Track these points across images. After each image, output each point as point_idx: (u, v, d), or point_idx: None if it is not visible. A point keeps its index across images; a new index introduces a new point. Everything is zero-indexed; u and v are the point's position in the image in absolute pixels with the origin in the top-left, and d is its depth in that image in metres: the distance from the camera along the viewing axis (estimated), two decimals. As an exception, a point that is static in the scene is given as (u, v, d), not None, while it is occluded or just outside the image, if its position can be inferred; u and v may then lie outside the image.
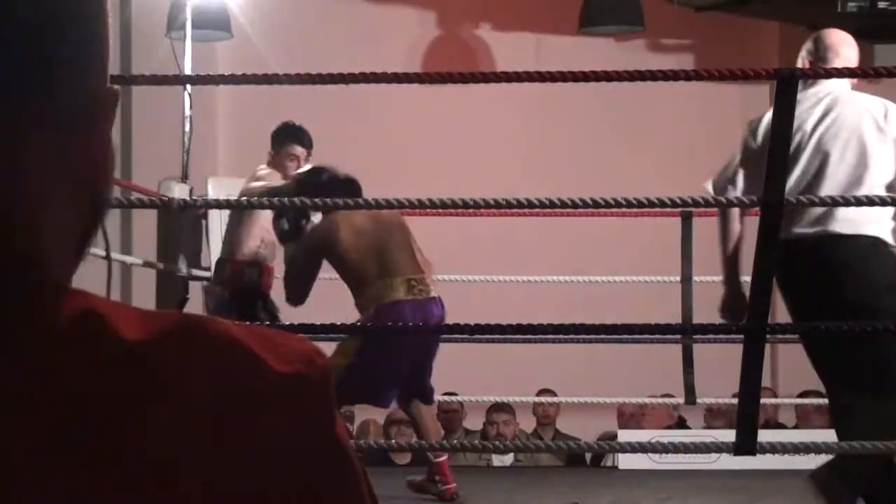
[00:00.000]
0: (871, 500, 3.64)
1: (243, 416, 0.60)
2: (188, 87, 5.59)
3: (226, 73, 4.66)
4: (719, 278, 5.81)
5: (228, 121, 7.73)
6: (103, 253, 0.70)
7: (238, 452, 0.59)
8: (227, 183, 5.30)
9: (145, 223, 5.70)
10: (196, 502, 0.58)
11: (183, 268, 4.99)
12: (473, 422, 6.87)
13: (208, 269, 5.22)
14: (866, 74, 3.30)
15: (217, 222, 5.17)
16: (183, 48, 5.80)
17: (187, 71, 5.57)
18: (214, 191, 5.14)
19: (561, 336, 5.00)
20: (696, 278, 5.62)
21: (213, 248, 5.21)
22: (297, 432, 0.61)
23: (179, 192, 5.19)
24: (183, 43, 5.83)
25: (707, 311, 5.58)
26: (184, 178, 5.49)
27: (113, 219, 7.06)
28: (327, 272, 4.60)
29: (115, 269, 4.44)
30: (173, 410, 0.59)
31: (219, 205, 4.49)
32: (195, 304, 5.28)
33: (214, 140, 7.62)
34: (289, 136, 4.91)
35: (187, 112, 5.58)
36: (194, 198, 5.07)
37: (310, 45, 7.53)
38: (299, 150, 4.90)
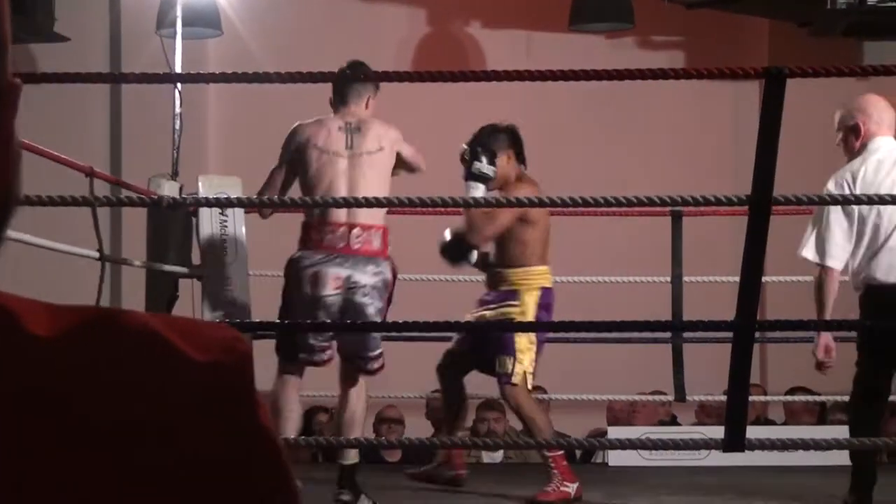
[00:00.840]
0: None
1: (158, 408, 0.59)
2: (178, 84, 5.59)
3: (216, 71, 4.70)
4: (709, 278, 5.84)
5: (219, 118, 7.73)
6: (96, 254, 0.70)
7: (154, 446, 0.58)
8: (218, 181, 5.29)
9: (135, 221, 5.70)
10: (110, 502, 0.57)
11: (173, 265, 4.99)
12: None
13: (198, 266, 5.22)
14: (855, 73, 3.32)
15: (207, 220, 5.16)
16: (173, 46, 5.79)
17: (177, 69, 5.56)
18: (205, 189, 5.14)
19: (551, 334, 5.01)
20: (686, 277, 5.63)
21: (204, 247, 5.20)
22: (217, 421, 0.60)
23: (169, 189, 5.18)
24: (173, 40, 5.82)
25: (696, 309, 5.60)
26: (174, 175, 5.49)
27: (103, 217, 7.06)
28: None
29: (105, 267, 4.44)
30: (83, 407, 0.58)
31: (209, 203, 4.49)
32: (185, 301, 5.27)
33: (205, 137, 7.61)
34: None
35: (177, 109, 5.57)
36: (184, 196, 5.06)
37: (300, 43, 7.53)
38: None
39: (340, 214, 4.17)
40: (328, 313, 4.18)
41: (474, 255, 4.60)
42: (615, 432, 5.73)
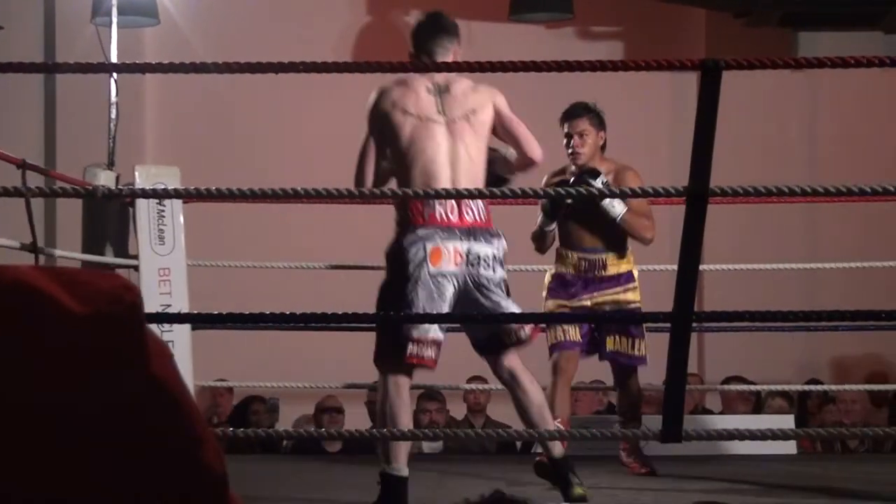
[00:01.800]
0: None
1: (35, 362, 0.57)
2: (114, 74, 5.52)
3: (153, 61, 4.64)
4: (647, 267, 5.87)
5: (156, 107, 7.65)
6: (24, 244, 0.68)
7: (33, 397, 0.57)
8: (155, 171, 5.24)
9: (70, 212, 5.63)
10: None
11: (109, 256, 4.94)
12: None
13: (135, 257, 5.18)
14: (790, 65, 3.34)
15: (144, 210, 5.12)
16: (109, 35, 5.72)
17: (113, 58, 5.50)
18: (141, 179, 5.09)
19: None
20: (640, 266, 5.66)
21: (141, 237, 5.16)
22: (102, 372, 0.58)
23: (105, 179, 5.13)
24: (109, 29, 5.75)
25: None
26: (110, 165, 5.43)
27: (37, 208, 6.98)
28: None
29: (39, 260, 4.38)
30: None
31: (145, 193, 4.44)
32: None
33: (142, 127, 7.53)
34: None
35: (113, 99, 5.51)
36: (120, 186, 5.01)
37: (239, 32, 7.47)
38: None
39: (457, 183, 3.78)
40: (447, 292, 3.77)
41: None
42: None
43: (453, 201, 3.78)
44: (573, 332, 4.68)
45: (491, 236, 3.85)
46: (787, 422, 5.91)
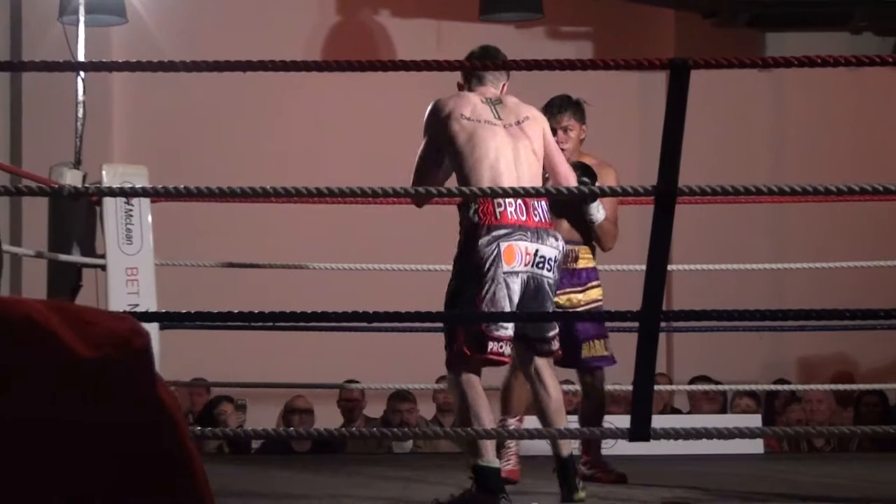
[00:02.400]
0: None
1: (42, 404, 0.56)
2: (81, 72, 5.49)
3: (121, 59, 4.61)
4: (616, 266, 5.88)
5: (124, 106, 7.61)
6: None
7: (38, 441, 0.56)
8: (123, 170, 5.22)
9: (36, 211, 5.59)
10: None
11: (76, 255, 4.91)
12: (374, 409, 6.87)
13: (102, 256, 5.15)
14: (757, 65, 3.36)
15: (112, 210, 5.09)
16: (76, 33, 5.68)
17: (80, 57, 5.46)
18: (109, 178, 5.06)
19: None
20: (599, 266, 5.67)
21: (108, 236, 5.14)
22: (108, 417, 0.57)
23: (72, 178, 5.10)
24: (76, 28, 5.71)
25: (605, 298, 5.62)
26: (77, 164, 5.39)
27: (2, 207, 6.93)
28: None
29: (5, 259, 4.35)
30: None
31: (112, 192, 4.42)
32: (89, 291, 5.20)
33: (109, 126, 7.49)
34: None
35: (80, 97, 5.48)
36: (86, 185, 4.98)
37: (207, 31, 7.45)
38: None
39: (512, 184, 3.86)
40: (516, 291, 3.84)
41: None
42: (526, 422, 5.75)
43: (521, 201, 3.86)
44: None
45: (555, 239, 3.95)
46: (754, 421, 5.94)
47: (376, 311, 3.76)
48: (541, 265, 3.87)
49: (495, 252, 3.82)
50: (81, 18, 5.66)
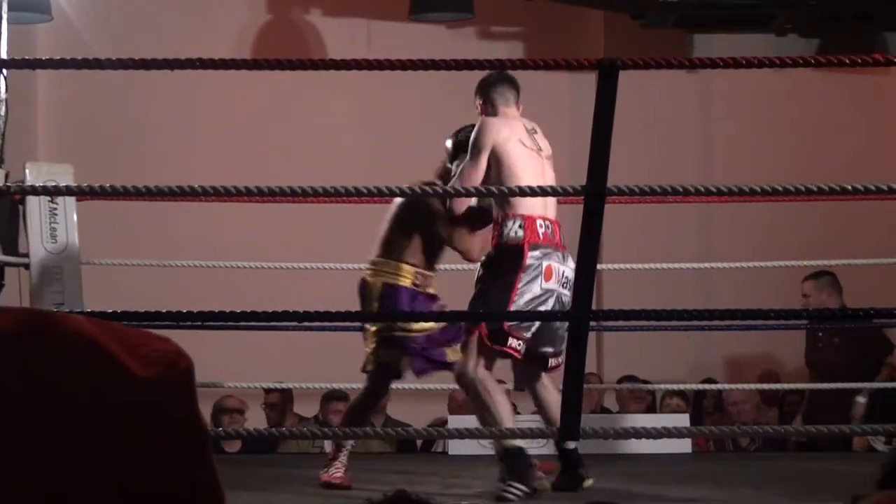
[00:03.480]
0: None
1: (102, 419, 0.57)
2: (4, 70, 5.40)
3: (45, 57, 4.55)
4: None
5: (49, 105, 7.51)
6: None
7: (97, 456, 0.57)
8: (47, 169, 5.14)
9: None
10: (51, 499, 0.56)
11: None
12: (307, 409, 6.84)
13: (26, 255, 5.08)
14: (685, 66, 3.39)
15: (36, 208, 5.02)
16: (-1, 30, 5.59)
17: (3, 54, 5.37)
18: (32, 176, 4.99)
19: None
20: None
21: (32, 235, 5.06)
22: (159, 435, 0.59)
23: (-6, 177, 5.02)
24: (-1, 25, 5.62)
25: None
26: (-1, 162, 5.31)
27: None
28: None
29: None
30: (22, 409, 0.56)
31: (35, 191, 4.35)
32: (12, 291, 5.12)
33: (34, 124, 7.38)
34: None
35: (3, 95, 5.39)
36: (8, 183, 4.90)
37: (134, 29, 7.36)
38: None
39: (548, 209, 4.20)
40: (549, 306, 4.14)
41: None
42: (455, 421, 5.76)
43: (553, 224, 4.21)
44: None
45: (572, 261, 4.09)
46: (682, 421, 5.99)
47: (307, 310, 3.74)
48: (566, 285, 4.14)
49: (539, 269, 4.12)
50: (4, 15, 5.57)
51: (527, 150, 4.24)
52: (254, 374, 6.39)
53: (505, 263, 4.14)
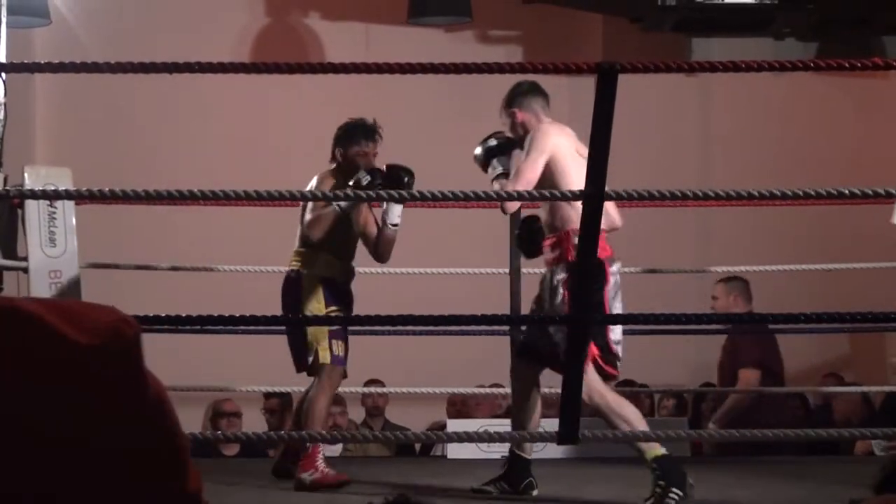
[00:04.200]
0: None
1: (45, 389, 0.58)
2: (3, 73, 5.40)
3: (44, 61, 4.55)
4: (541, 270, 5.91)
5: (47, 109, 7.50)
6: None
7: (40, 426, 0.57)
8: (46, 172, 5.14)
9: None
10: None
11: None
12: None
13: (25, 259, 5.08)
14: (684, 69, 3.39)
15: (35, 212, 5.02)
16: (-3, 33, 5.59)
17: (2, 58, 5.38)
18: (31, 180, 4.99)
19: (389, 327, 5.00)
20: (524, 269, 5.69)
21: (31, 239, 5.07)
22: (104, 400, 0.59)
23: (-8, 181, 5.02)
24: (-2, 28, 5.62)
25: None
26: (-3, 166, 5.31)
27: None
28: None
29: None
30: None
31: (34, 195, 4.35)
32: (10, 294, 5.11)
33: (32, 128, 7.38)
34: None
35: (2, 99, 5.39)
36: (7, 187, 4.90)
37: (133, 33, 7.36)
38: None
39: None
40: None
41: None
42: (454, 425, 5.76)
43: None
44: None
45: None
46: (680, 424, 5.98)
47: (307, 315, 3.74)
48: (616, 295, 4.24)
49: (618, 284, 4.20)
50: (3, 19, 5.57)
51: (581, 159, 4.16)
52: (254, 378, 6.39)
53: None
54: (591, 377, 4.03)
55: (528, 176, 4.15)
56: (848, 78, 7.40)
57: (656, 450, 4.00)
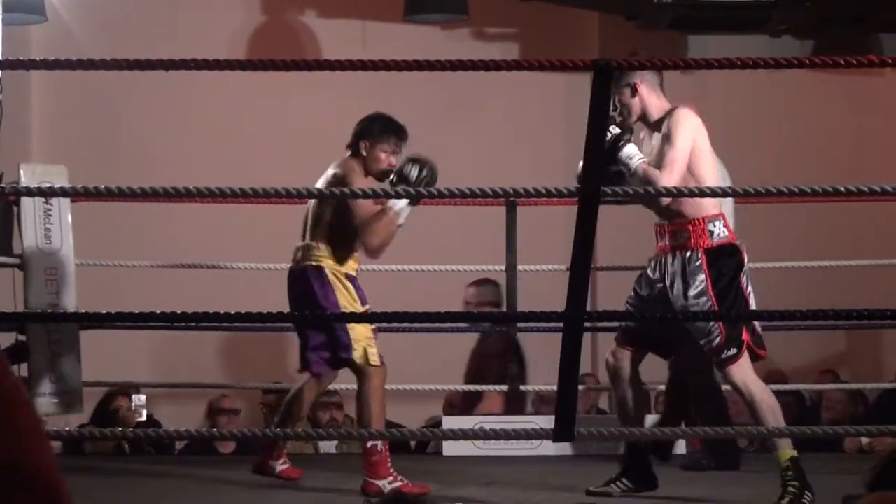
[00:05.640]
0: None
1: None
2: (-1, 70, 5.40)
3: (39, 58, 4.54)
4: (543, 267, 5.92)
5: (43, 106, 7.50)
6: None
7: None
8: (42, 170, 5.14)
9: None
10: None
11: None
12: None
13: (20, 256, 5.08)
14: (679, 66, 3.39)
15: (30, 209, 5.02)
16: (-7, 30, 5.59)
17: (-2, 54, 5.37)
18: (27, 177, 4.99)
19: (385, 324, 5.01)
20: (520, 267, 5.69)
21: (27, 236, 5.06)
22: None
23: (-12, 178, 5.02)
24: (-7, 25, 5.62)
25: (530, 298, 5.65)
26: (-7, 163, 5.30)
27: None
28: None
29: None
30: None
31: (29, 192, 4.35)
32: (5, 293, 5.11)
33: (28, 126, 7.37)
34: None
35: (-2, 96, 5.39)
36: (3, 184, 4.90)
37: (129, 30, 7.35)
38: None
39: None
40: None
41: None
42: (449, 422, 5.76)
43: None
44: None
45: None
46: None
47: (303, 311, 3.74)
48: None
49: (747, 267, 4.11)
50: (-1, 17, 5.57)
51: (709, 146, 4.10)
52: (252, 374, 6.39)
53: (725, 266, 4.01)
54: (747, 367, 3.99)
55: (682, 167, 3.92)
56: (844, 75, 7.40)
57: (790, 451, 3.93)
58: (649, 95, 3.97)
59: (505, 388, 5.92)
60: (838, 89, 7.62)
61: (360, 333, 4.39)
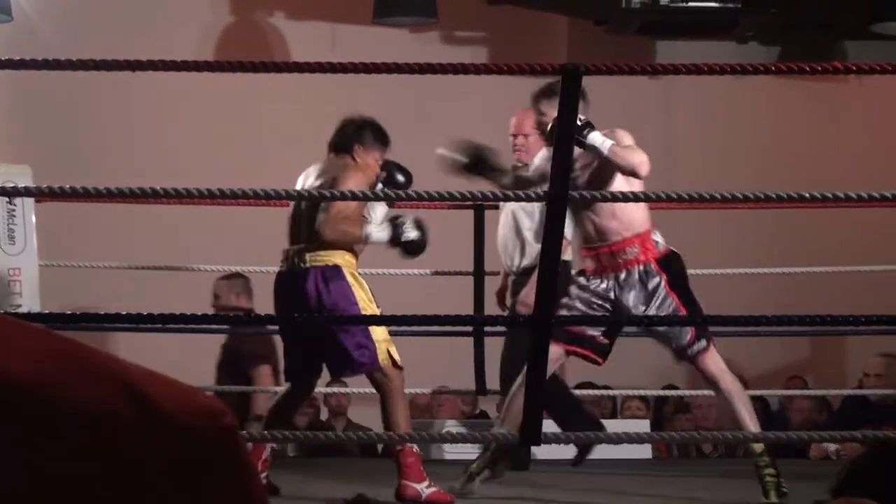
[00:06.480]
0: None
1: (135, 461, 0.55)
2: (-37, 69, 5.36)
3: (4, 57, 4.47)
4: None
5: (8, 106, 7.44)
6: None
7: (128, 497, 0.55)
8: (5, 169, 5.10)
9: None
10: None
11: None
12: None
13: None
14: (647, 72, 3.40)
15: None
16: (-42, 29, 5.55)
17: (-37, 53, 5.33)
18: (-9, 178, 4.95)
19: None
20: (488, 270, 5.68)
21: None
22: (196, 489, 0.56)
23: (-48, 178, 4.97)
24: (-42, 24, 5.57)
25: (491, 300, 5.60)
26: (-42, 164, 5.26)
27: None
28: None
29: None
30: (40, 447, 0.55)
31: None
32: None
33: (-9, 124, 7.32)
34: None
35: (-38, 96, 5.35)
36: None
37: (96, 31, 7.31)
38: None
39: None
40: None
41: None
42: (416, 426, 5.75)
43: None
44: None
45: None
46: (643, 427, 6.00)
47: (268, 314, 3.72)
48: None
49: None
50: (-36, 15, 5.53)
51: None
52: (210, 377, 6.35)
53: (679, 273, 4.12)
54: (718, 357, 4.12)
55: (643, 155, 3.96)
56: (810, 81, 7.45)
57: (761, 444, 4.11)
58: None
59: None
60: (804, 95, 7.67)
61: (380, 334, 4.25)
